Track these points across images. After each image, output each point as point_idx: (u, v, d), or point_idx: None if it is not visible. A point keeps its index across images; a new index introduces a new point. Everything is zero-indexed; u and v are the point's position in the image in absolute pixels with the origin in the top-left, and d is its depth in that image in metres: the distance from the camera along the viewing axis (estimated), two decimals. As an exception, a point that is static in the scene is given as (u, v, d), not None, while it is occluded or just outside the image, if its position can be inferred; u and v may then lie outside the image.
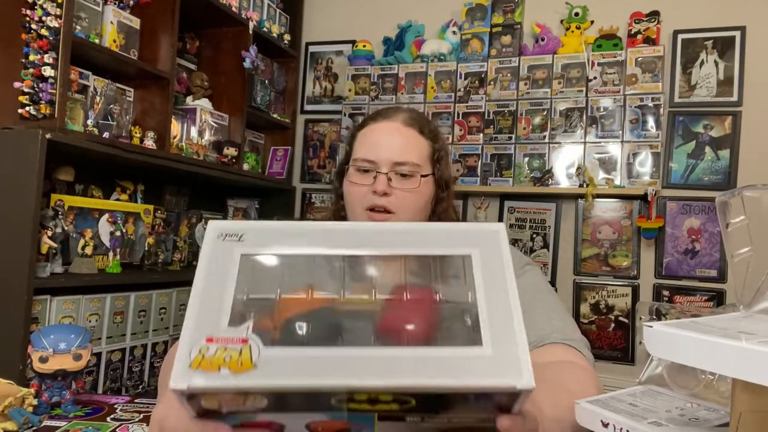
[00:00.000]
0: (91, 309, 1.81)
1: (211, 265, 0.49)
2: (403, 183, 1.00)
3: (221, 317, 0.45)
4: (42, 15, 1.64)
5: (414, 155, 1.01)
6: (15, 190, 1.56)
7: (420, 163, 1.02)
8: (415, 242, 0.51)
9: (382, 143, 1.02)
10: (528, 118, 2.47)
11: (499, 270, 0.50)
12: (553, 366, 0.86)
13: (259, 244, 0.50)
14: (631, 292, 2.37)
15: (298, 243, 0.50)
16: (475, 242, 0.51)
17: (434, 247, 0.51)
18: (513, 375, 0.43)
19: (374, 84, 2.72)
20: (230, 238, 0.51)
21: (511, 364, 0.44)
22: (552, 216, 2.50)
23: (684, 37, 2.38)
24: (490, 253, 0.51)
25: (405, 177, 1.00)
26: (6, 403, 0.68)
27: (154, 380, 2.07)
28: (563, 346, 0.89)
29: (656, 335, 0.44)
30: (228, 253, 0.50)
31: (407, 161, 1.00)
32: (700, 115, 2.34)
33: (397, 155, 1.00)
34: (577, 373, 0.84)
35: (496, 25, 2.57)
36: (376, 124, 1.06)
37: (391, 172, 0.99)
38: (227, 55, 2.49)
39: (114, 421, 0.76)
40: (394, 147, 1.01)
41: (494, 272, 0.50)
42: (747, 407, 0.43)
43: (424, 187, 1.03)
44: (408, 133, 1.03)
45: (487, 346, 0.45)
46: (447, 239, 0.52)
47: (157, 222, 2.15)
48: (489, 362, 0.44)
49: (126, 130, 1.96)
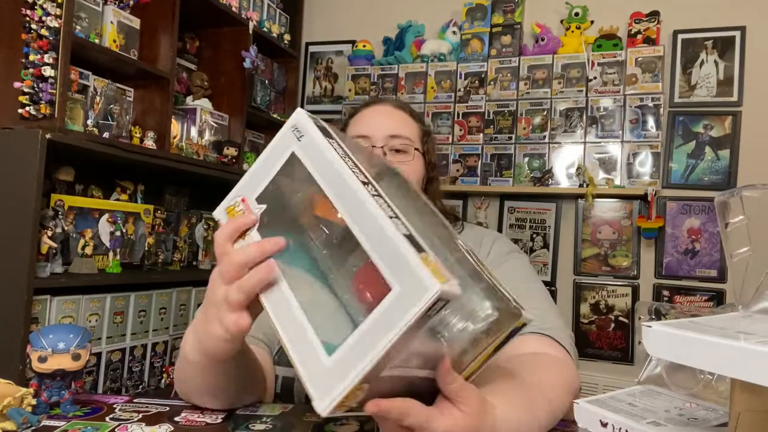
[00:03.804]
0: (91, 309, 1.81)
1: (272, 148, 0.61)
2: (398, 156, 1.04)
3: (256, 191, 0.61)
4: (42, 15, 1.64)
5: (407, 131, 1.07)
6: (15, 190, 1.56)
7: (413, 139, 1.07)
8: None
9: (375, 120, 1.07)
10: (528, 118, 2.48)
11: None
12: (521, 359, 0.82)
13: (307, 155, 0.57)
14: (631, 292, 2.37)
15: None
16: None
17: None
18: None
19: (374, 84, 2.72)
20: (295, 132, 0.59)
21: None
22: (552, 216, 2.50)
23: (684, 37, 2.38)
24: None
25: (399, 152, 1.05)
26: (5, 402, 0.68)
27: (154, 380, 2.07)
28: (538, 336, 0.86)
29: (655, 335, 0.44)
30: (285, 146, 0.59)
31: (402, 134, 1.05)
32: (700, 115, 2.34)
33: (391, 129, 1.05)
34: (548, 368, 0.80)
35: (496, 25, 2.57)
36: (369, 107, 1.11)
37: (386, 146, 1.03)
38: (227, 55, 2.49)
39: (113, 421, 0.76)
40: (388, 122, 1.07)
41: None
42: (746, 407, 0.43)
43: (417, 163, 1.07)
44: (399, 114, 1.10)
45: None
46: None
47: (157, 222, 2.15)
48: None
49: (126, 130, 1.96)
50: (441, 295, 0.44)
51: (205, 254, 2.48)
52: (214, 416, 0.80)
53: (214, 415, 0.80)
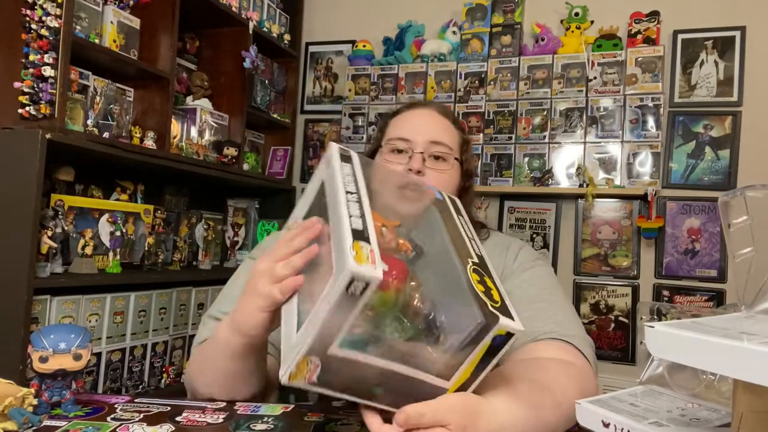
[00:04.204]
0: (91, 309, 1.80)
1: (313, 177, 0.75)
2: (437, 164, 1.03)
3: (302, 212, 0.75)
4: (42, 15, 1.64)
5: (448, 139, 1.06)
6: (15, 190, 1.56)
7: (453, 147, 1.06)
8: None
9: (418, 124, 1.06)
10: (528, 118, 2.47)
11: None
12: (538, 362, 0.83)
13: (328, 182, 0.70)
14: (631, 292, 2.37)
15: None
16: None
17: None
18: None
19: (374, 84, 2.72)
20: (326, 163, 0.72)
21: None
22: (552, 216, 2.50)
23: (684, 37, 2.38)
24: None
25: (438, 159, 1.04)
26: (6, 403, 0.68)
27: (154, 380, 2.07)
28: (560, 342, 0.87)
29: (658, 335, 0.44)
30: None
31: (442, 142, 1.04)
32: (700, 115, 2.34)
33: (433, 135, 1.04)
34: (563, 373, 0.81)
35: (496, 25, 2.57)
36: (412, 110, 1.11)
37: (426, 152, 1.02)
38: (227, 55, 2.49)
39: (114, 421, 0.76)
40: (430, 128, 1.05)
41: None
42: (748, 408, 0.43)
43: (454, 172, 1.06)
44: (443, 120, 1.08)
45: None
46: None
47: (157, 222, 2.15)
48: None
49: (126, 130, 1.96)
50: (354, 276, 0.50)
51: (205, 254, 2.48)
52: (215, 416, 0.80)
53: (215, 415, 0.80)
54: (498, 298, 0.59)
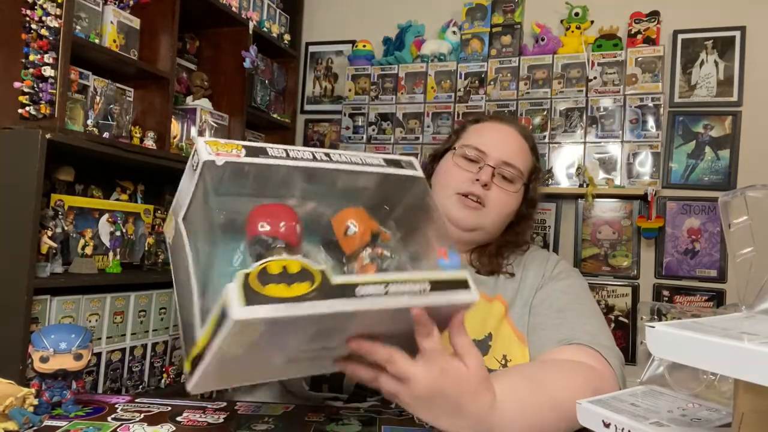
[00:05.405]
0: (91, 309, 1.80)
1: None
2: (504, 184, 1.03)
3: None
4: (42, 15, 1.63)
5: (521, 163, 1.05)
6: (15, 190, 1.56)
7: (524, 172, 1.06)
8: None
9: (497, 140, 1.06)
10: (528, 118, 2.47)
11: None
12: (556, 363, 0.84)
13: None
14: (631, 292, 2.37)
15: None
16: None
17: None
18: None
19: (374, 84, 2.72)
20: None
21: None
22: (552, 216, 2.50)
23: (684, 37, 2.38)
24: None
25: (506, 180, 1.03)
26: (7, 403, 0.68)
27: (154, 380, 2.07)
28: (587, 348, 0.87)
29: (658, 335, 0.44)
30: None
31: (515, 165, 1.04)
32: (700, 115, 2.34)
33: (508, 155, 1.04)
34: (579, 374, 0.81)
35: (496, 25, 2.57)
36: (495, 123, 1.11)
37: (496, 168, 1.02)
38: (227, 55, 2.49)
39: (115, 421, 0.76)
40: (507, 147, 1.05)
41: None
42: (749, 408, 0.43)
43: (518, 196, 1.06)
44: (522, 142, 1.08)
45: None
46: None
47: (157, 222, 2.15)
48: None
49: (126, 130, 1.96)
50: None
51: (205, 254, 2.47)
52: (215, 416, 0.80)
53: (216, 415, 0.80)
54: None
